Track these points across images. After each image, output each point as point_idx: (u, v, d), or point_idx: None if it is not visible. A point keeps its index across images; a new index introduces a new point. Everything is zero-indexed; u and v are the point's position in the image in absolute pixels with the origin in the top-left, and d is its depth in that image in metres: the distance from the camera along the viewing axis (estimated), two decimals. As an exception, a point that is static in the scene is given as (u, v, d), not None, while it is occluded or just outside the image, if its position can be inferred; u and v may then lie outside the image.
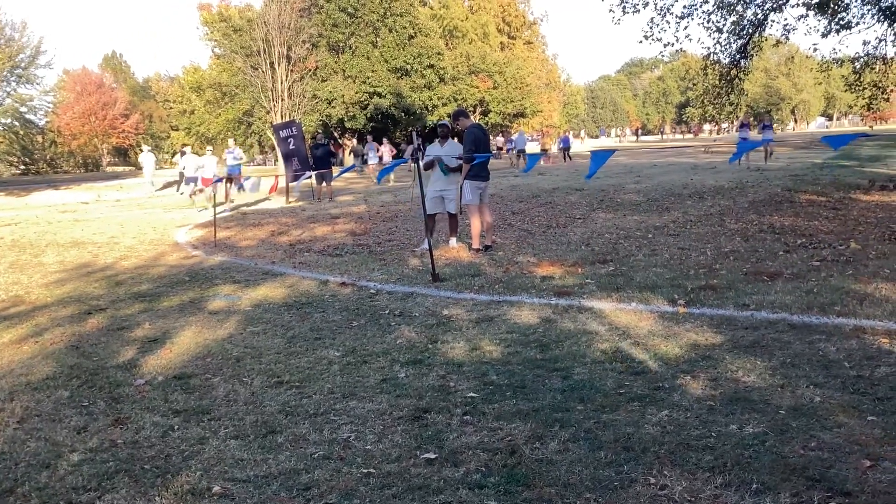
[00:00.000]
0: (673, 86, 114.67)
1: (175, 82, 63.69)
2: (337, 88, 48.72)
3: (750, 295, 6.60)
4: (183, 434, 4.07)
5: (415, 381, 4.81)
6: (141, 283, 8.93)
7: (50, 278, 9.51)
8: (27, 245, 13.09)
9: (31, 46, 56.16)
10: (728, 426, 3.81)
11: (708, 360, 4.87)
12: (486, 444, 3.74)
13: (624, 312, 6.26)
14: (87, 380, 5.14)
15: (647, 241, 9.90)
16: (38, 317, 7.25)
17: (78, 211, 21.21)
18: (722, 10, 19.27)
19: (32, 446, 4.00)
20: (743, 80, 21.77)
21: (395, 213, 15.62)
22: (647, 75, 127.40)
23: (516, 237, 11.02)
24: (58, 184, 38.80)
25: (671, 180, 20.50)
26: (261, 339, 6.07)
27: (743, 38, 20.10)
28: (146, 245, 12.54)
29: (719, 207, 13.26)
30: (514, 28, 69.79)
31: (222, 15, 51.34)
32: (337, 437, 3.95)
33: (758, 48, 20.83)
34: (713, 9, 19.31)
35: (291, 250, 11.06)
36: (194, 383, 4.98)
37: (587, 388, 4.48)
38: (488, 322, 6.23)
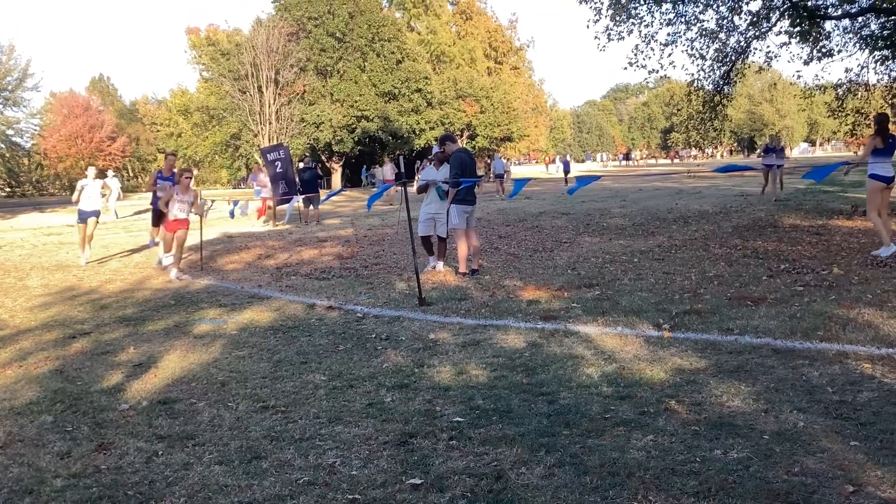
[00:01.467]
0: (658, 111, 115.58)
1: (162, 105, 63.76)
2: (325, 112, 48.90)
3: (734, 319, 6.64)
4: (167, 460, 4.04)
5: (401, 405, 4.81)
6: (126, 306, 8.88)
7: (34, 302, 9.45)
8: (12, 268, 13.01)
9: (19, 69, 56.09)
10: (712, 451, 3.83)
11: (692, 385, 4.90)
12: (472, 470, 3.74)
13: (609, 337, 6.28)
14: (71, 404, 5.11)
15: (633, 266, 9.95)
16: (22, 341, 7.20)
17: (63, 234, 21.09)
18: (705, 38, 19.52)
19: (15, 472, 3.96)
20: (726, 107, 21.99)
21: (382, 237, 15.63)
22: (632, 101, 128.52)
23: (503, 261, 11.05)
24: (44, 206, 38.61)
25: (656, 205, 20.63)
26: (246, 364, 6.05)
27: (726, 65, 20.34)
28: (131, 268, 12.49)
29: (704, 232, 13.35)
30: (500, 53, 70.25)
31: (210, 39, 51.65)
32: (322, 462, 3.93)
33: (741, 75, 21.08)
34: (696, 36, 19.56)
35: (278, 273, 11.04)
36: (179, 408, 4.95)
37: (573, 412, 4.48)
38: (475, 346, 6.24)
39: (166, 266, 12.41)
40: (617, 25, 18.95)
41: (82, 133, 60.57)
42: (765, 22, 18.63)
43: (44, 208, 36.58)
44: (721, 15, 18.94)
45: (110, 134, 63.71)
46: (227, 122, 50.08)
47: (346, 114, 49.52)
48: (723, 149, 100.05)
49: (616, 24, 18.93)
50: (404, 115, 51.79)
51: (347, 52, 50.42)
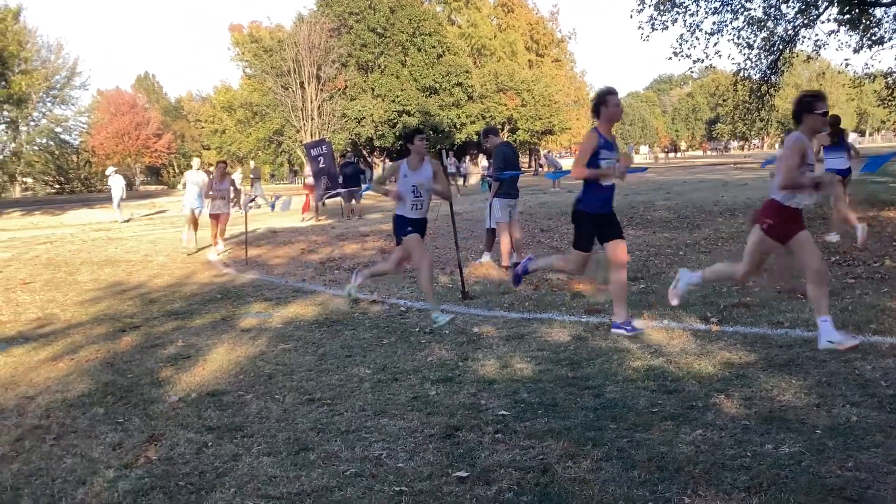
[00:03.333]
0: (702, 102, 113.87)
1: (207, 102, 64.55)
2: (366, 107, 49.10)
3: (784, 313, 6.53)
4: (216, 451, 4.10)
5: (446, 398, 4.81)
6: (174, 300, 9.02)
7: (85, 296, 9.64)
8: (62, 263, 13.29)
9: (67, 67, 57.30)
10: (763, 446, 3.77)
11: (742, 379, 4.82)
12: (518, 463, 3.72)
13: (656, 330, 6.22)
14: (122, 396, 5.21)
15: (679, 259, 9.83)
16: (74, 334, 7.35)
17: (112, 229, 21.50)
18: (752, 27, 19.18)
19: (69, 462, 4.05)
20: (773, 96, 21.60)
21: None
22: (676, 92, 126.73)
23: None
24: (92, 202, 39.36)
25: (701, 197, 20.34)
26: (292, 357, 6.11)
27: (773, 54, 19.97)
28: (178, 263, 12.69)
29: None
30: (542, 46, 69.88)
31: (253, 36, 52.13)
32: (369, 454, 3.95)
33: (788, 64, 20.67)
34: (743, 25, 19.23)
35: (322, 268, 11.12)
36: (227, 400, 5.02)
37: (620, 406, 4.45)
38: (519, 340, 6.22)
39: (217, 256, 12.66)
40: (661, 15, 18.74)
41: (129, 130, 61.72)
42: (813, 9, 18.26)
43: (92, 204, 37.32)
44: (769, 3, 18.60)
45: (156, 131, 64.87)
46: (270, 118, 50.54)
47: (388, 109, 49.65)
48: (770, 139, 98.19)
49: (660, 14, 18.73)
50: (445, 110, 51.76)
51: (388, 47, 50.54)
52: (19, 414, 4.92)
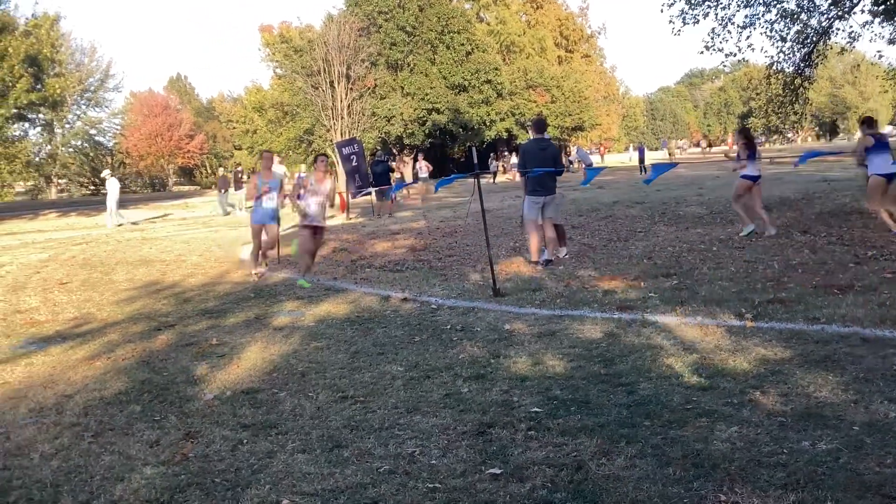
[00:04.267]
0: (735, 96, 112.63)
1: (238, 103, 65.12)
2: (395, 106, 49.16)
3: (820, 308, 6.44)
4: (252, 448, 4.14)
5: (478, 395, 4.81)
6: (208, 299, 9.12)
7: (120, 295, 9.78)
8: (98, 263, 13.48)
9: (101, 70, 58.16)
10: (800, 442, 3.73)
11: (778, 375, 4.77)
12: (551, 460, 3.72)
13: (689, 327, 6.16)
14: (158, 394, 5.27)
15: (712, 254, 9.73)
16: (110, 333, 7.46)
17: (146, 230, 21.77)
18: (785, 20, 18.89)
19: (107, 460, 4.11)
20: (807, 89, 21.27)
21: (454, 229, 15.65)
22: (707, 86, 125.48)
23: (577, 251, 10.95)
24: (126, 203, 39.86)
25: (735, 192, 20.10)
26: (325, 355, 6.14)
27: (807, 47, 19.66)
28: (212, 262, 12.81)
29: (786, 219, 12.96)
30: (571, 42, 69.53)
31: (283, 36, 52.45)
32: (402, 451, 3.97)
33: (822, 57, 20.34)
34: (776, 18, 18.95)
35: (353, 266, 11.17)
36: (261, 398, 5.06)
37: (654, 403, 4.42)
38: (551, 336, 6.20)
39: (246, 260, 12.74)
40: (692, 8, 18.52)
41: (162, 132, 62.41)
42: (847, 1, 17.95)
43: (126, 205, 37.78)
44: (802, -5, 18.33)
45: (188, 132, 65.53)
46: (301, 117, 50.81)
47: (417, 107, 49.68)
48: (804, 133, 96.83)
49: (691, 7, 18.51)
50: (474, 107, 51.67)
51: (417, 46, 50.55)
52: (58, 412, 5.00)
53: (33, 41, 31.38)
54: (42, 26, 33.02)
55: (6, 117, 31.19)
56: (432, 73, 50.36)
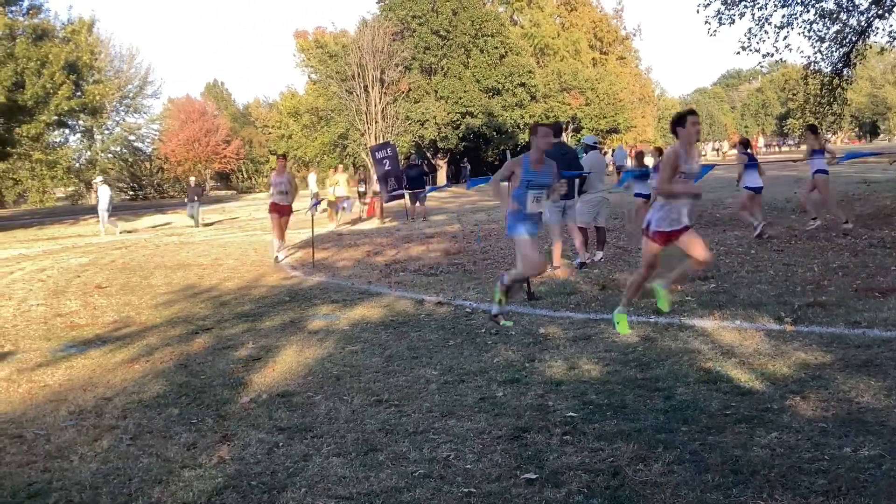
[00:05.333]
0: (773, 97, 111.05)
1: (273, 108, 65.66)
2: (429, 109, 49.25)
3: (861, 312, 6.32)
4: (287, 451, 4.16)
5: (513, 400, 4.79)
6: (244, 303, 9.20)
7: (158, 299, 9.89)
8: (137, 267, 13.66)
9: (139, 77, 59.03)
10: (842, 449, 3.66)
11: (818, 380, 4.69)
12: (587, 465, 3.68)
13: (727, 331, 6.08)
14: (196, 397, 5.32)
15: (750, 257, 9.60)
16: (149, 337, 7.55)
17: (183, 234, 22.03)
18: (824, 19, 18.59)
19: (145, 462, 4.16)
20: (846, 90, 20.90)
21: (488, 232, 15.62)
22: (744, 87, 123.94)
23: (612, 254, 10.87)
24: (165, 208, 40.38)
25: (773, 193, 19.82)
26: (359, 358, 6.16)
27: (845, 47, 19.33)
28: (248, 266, 12.91)
29: (825, 221, 12.75)
30: (606, 44, 69.09)
31: (318, 42, 52.80)
32: (437, 455, 3.96)
33: (861, 56, 19.99)
34: (815, 18, 18.65)
35: (387, 270, 11.20)
36: (297, 401, 5.09)
37: (691, 408, 4.36)
38: (585, 340, 6.16)
39: (281, 261, 12.86)
40: (728, 9, 18.30)
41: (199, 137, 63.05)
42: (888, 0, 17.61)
43: (165, 210, 38.27)
44: (841, -6, 18.01)
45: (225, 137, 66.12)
46: (335, 122, 51.12)
47: (451, 110, 49.73)
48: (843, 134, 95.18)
49: (728, 8, 18.29)
50: (508, 110, 51.59)
51: (451, 49, 50.61)
52: (97, 415, 5.07)
53: (72, 47, 31.89)
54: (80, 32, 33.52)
55: (47, 124, 31.74)
56: (466, 77, 50.38)
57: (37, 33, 30.48)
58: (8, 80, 27.64)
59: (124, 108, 60.91)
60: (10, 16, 29.63)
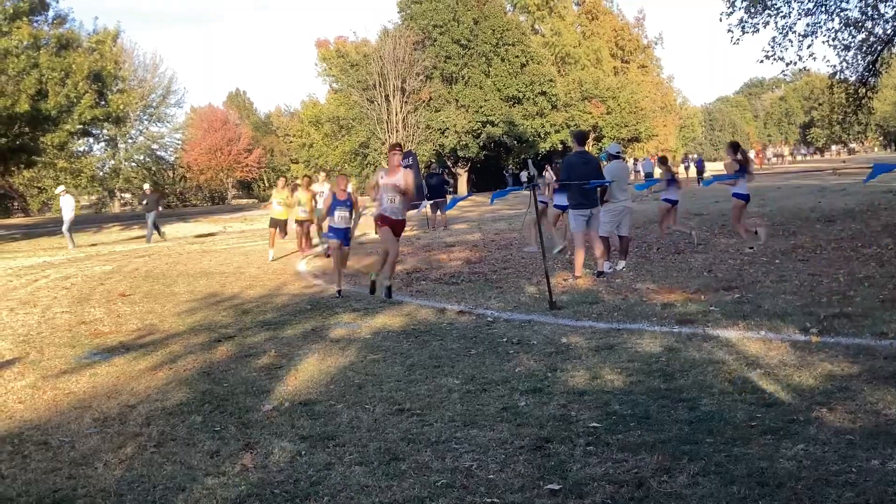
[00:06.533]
0: (796, 105, 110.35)
1: (295, 117, 66.05)
2: (450, 118, 49.39)
3: (888, 323, 6.24)
4: (310, 459, 4.16)
5: (535, 409, 4.77)
6: (266, 311, 9.23)
7: (182, 307, 9.96)
8: (160, 275, 13.77)
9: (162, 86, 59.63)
10: (870, 461, 3.60)
11: (845, 392, 4.62)
12: (611, 476, 3.65)
13: (752, 341, 6.02)
14: (219, 405, 5.34)
15: (775, 267, 9.52)
16: (172, 344, 7.59)
17: (206, 242, 22.18)
18: (849, 28, 18.46)
19: (169, 469, 4.17)
20: (871, 99, 20.73)
21: (509, 241, 15.61)
22: (767, 95, 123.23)
23: (634, 264, 10.82)
24: (187, 217, 40.70)
25: (797, 203, 19.70)
26: (381, 367, 6.16)
27: (871, 56, 19.18)
28: (270, 275, 12.98)
29: (851, 231, 12.63)
30: (627, 52, 69.02)
31: (339, 51, 53.11)
32: (459, 465, 3.94)
33: (886, 65, 19.82)
34: (840, 27, 18.53)
35: (408, 279, 11.20)
36: (319, 409, 5.09)
37: (716, 419, 4.32)
38: (608, 350, 6.13)
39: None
40: (752, 17, 18.25)
41: (221, 146, 63.62)
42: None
43: (187, 218, 38.56)
44: (865, 2, 17.87)
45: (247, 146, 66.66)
46: (356, 131, 51.39)
47: (471, 119, 49.84)
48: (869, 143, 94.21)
49: (751, 16, 18.24)
50: (529, 119, 51.64)
51: (472, 58, 50.74)
52: (121, 422, 5.10)
53: (97, 57, 32.27)
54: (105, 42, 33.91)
55: (71, 133, 32.10)
56: (487, 86, 50.48)
57: (61, 43, 30.88)
58: (32, 89, 27.98)
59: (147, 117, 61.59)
60: (35, 25, 30.03)
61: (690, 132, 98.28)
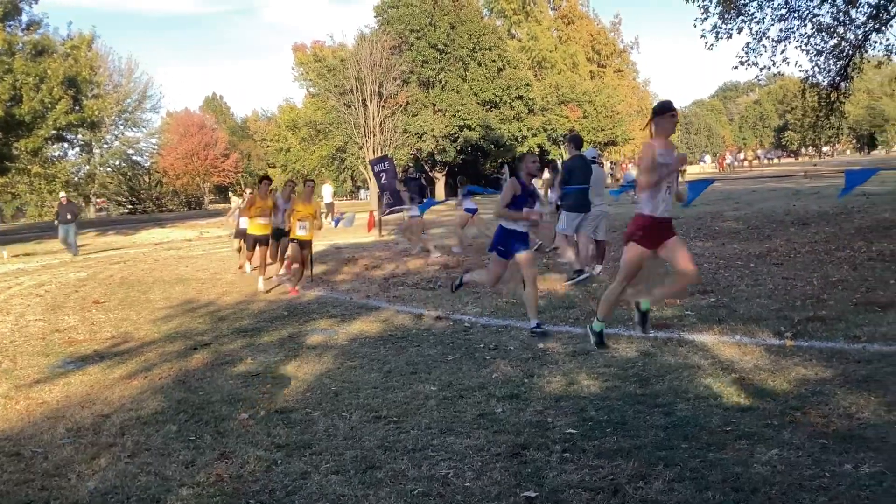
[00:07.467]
0: (770, 109, 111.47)
1: (271, 121, 65.81)
2: (427, 122, 49.40)
3: (861, 326, 6.31)
4: (286, 468, 4.13)
5: (512, 416, 4.77)
6: (242, 318, 9.17)
7: (157, 314, 9.87)
8: (135, 282, 13.65)
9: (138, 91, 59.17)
10: (843, 465, 3.64)
11: (819, 396, 4.67)
12: (587, 483, 3.66)
13: (727, 345, 6.07)
14: (194, 414, 5.29)
15: (750, 271, 9.60)
16: (147, 352, 7.52)
17: (182, 248, 22.01)
18: (821, 33, 18.65)
19: (143, 480, 4.12)
20: (843, 103, 20.95)
21: (487, 246, 15.59)
22: (742, 99, 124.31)
23: (610, 269, 10.84)
24: (163, 222, 40.40)
25: (772, 206, 19.87)
26: (358, 374, 6.14)
27: (843, 60, 19.39)
28: (247, 281, 12.89)
29: (824, 234, 12.76)
30: (603, 56, 69.30)
31: (316, 55, 52.97)
32: (436, 473, 3.94)
33: (859, 70, 20.04)
34: (812, 32, 18.71)
35: (385, 284, 11.18)
36: (295, 417, 5.06)
37: (691, 424, 4.34)
38: (585, 355, 6.14)
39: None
40: (726, 23, 18.37)
41: (197, 151, 63.24)
42: (884, 13, 17.68)
43: (164, 223, 38.29)
44: (837, 8, 18.07)
45: (223, 151, 66.32)
46: (333, 135, 51.28)
47: (449, 123, 49.88)
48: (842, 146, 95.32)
49: (725, 22, 18.36)
50: (506, 123, 51.77)
51: (449, 63, 50.80)
52: (95, 432, 5.04)
53: (72, 63, 31.95)
54: (80, 47, 33.57)
55: (45, 138, 31.76)
56: (464, 90, 50.55)
57: (37, 49, 30.57)
58: (6, 94, 27.68)
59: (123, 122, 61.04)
60: (8, 30, 29.69)
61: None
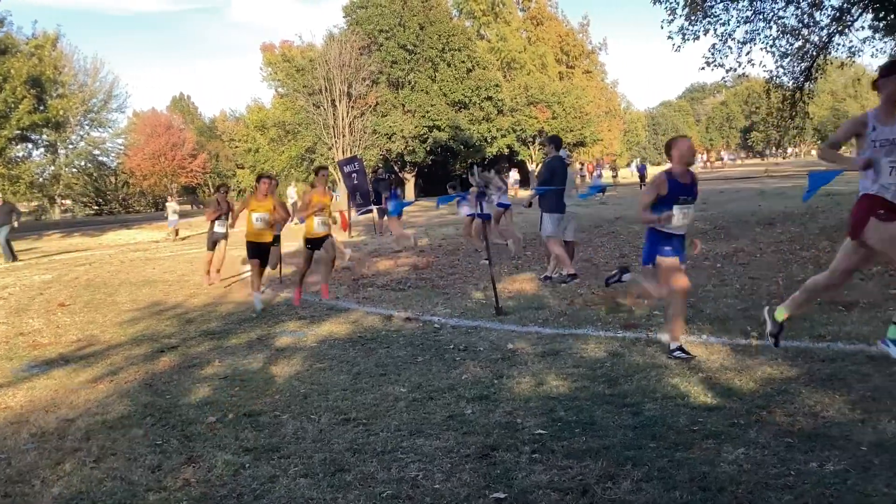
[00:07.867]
0: (737, 110, 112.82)
1: (240, 122, 65.28)
2: (397, 123, 49.36)
3: (825, 326, 6.41)
4: (254, 472, 4.10)
5: (481, 417, 4.77)
6: (210, 320, 9.09)
7: (123, 317, 9.75)
8: (101, 284, 13.47)
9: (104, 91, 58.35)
10: (808, 464, 3.68)
11: (784, 395, 4.73)
12: (556, 484, 3.67)
13: (694, 346, 6.12)
14: (161, 418, 5.24)
15: (716, 271, 9.70)
16: (113, 356, 7.42)
17: (149, 249, 21.77)
18: (786, 36, 18.90)
19: (109, 486, 4.07)
20: (807, 104, 21.25)
21: (456, 246, 15.63)
22: (709, 100, 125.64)
23: (579, 269, 10.90)
24: (130, 223, 39.93)
25: (738, 207, 20.12)
26: (327, 376, 6.11)
27: (806, 62, 19.67)
28: (214, 282, 12.78)
29: (790, 234, 12.94)
30: (572, 58, 69.67)
31: (285, 55, 52.69)
32: (405, 475, 3.93)
33: (822, 71, 20.34)
34: (777, 34, 18.95)
35: (355, 285, 11.14)
36: (263, 420, 5.02)
37: (659, 424, 4.38)
38: (554, 356, 6.16)
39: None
40: (692, 25, 18.52)
41: (165, 151, 62.51)
42: (847, 16, 17.96)
43: (130, 225, 37.84)
44: (801, 10, 18.32)
45: (191, 151, 65.62)
46: (302, 136, 51.05)
47: (418, 124, 49.88)
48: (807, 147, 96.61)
49: (691, 24, 18.52)
50: (475, 124, 51.89)
51: (418, 63, 50.80)
52: (60, 437, 4.96)
53: (36, 62, 31.52)
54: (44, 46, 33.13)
55: (9, 139, 31.29)
56: (433, 91, 50.57)
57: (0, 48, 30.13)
58: (-33, 94, 27.28)
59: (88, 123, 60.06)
60: (-31, 29, 29.25)
61: (634, 136, 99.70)
